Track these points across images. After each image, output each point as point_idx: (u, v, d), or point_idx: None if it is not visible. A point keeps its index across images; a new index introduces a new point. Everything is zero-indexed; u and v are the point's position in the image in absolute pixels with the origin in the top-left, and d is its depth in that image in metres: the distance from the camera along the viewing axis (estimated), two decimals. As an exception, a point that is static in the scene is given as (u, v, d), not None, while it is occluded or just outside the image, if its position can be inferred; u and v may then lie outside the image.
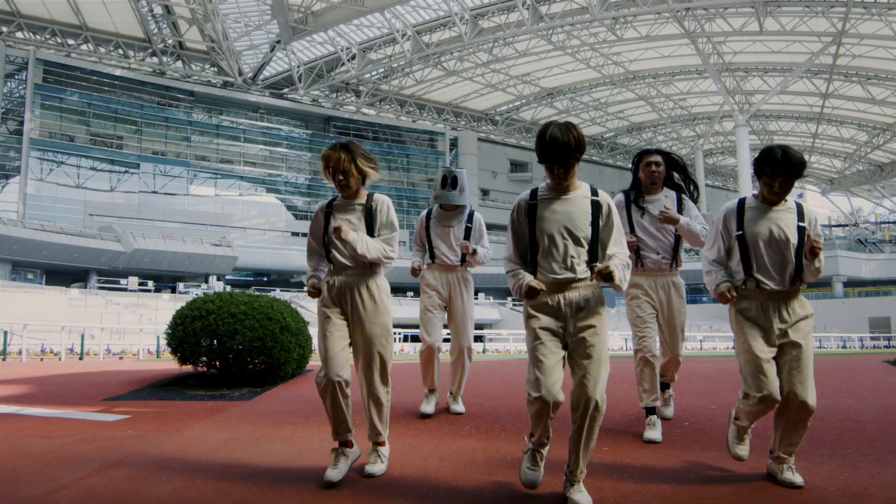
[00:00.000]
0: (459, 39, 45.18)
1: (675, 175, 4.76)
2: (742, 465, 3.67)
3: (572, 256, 3.11)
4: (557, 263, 3.11)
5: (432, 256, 5.29)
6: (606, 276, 3.01)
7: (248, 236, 56.39)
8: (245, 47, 50.88)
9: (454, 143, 64.15)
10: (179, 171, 54.56)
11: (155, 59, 50.62)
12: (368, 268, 3.69)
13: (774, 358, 3.32)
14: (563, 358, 3.13)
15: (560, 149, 3.00)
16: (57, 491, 3.36)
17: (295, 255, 56.10)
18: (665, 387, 4.91)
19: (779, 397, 3.25)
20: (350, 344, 3.69)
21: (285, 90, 56.26)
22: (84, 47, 48.34)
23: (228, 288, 52.15)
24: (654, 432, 4.33)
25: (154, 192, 53.32)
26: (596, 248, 3.14)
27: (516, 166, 68.40)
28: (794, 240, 3.33)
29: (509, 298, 56.60)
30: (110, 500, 3.28)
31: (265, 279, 59.03)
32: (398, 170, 63.33)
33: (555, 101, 58.60)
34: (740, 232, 3.42)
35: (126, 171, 52.66)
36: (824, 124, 56.43)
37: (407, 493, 3.39)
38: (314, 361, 8.40)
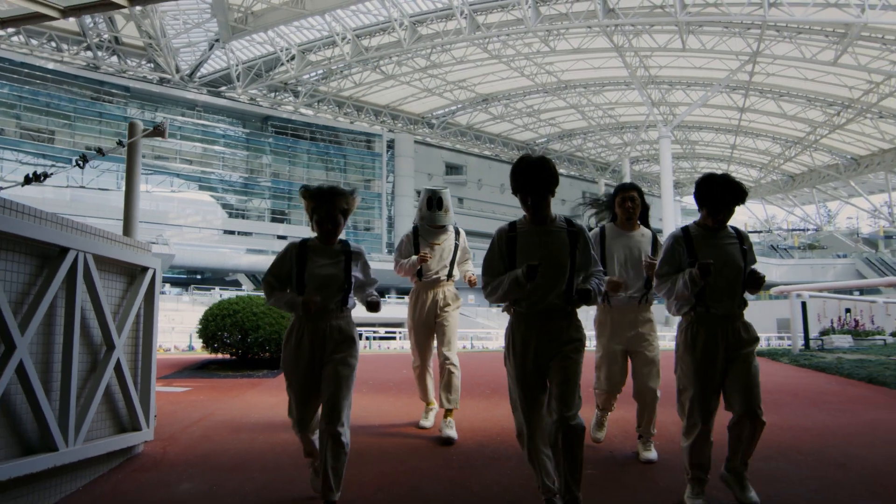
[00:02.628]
0: (398, 44, 46.14)
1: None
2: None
3: (552, 287, 3.13)
4: (538, 294, 3.13)
5: (420, 274, 5.26)
6: (583, 295, 3.12)
7: (184, 234, 56.13)
8: (183, 44, 50.69)
9: (391, 145, 64.95)
10: (109, 166, 53.85)
11: (89, 53, 49.94)
12: (341, 310, 3.55)
13: (722, 381, 3.39)
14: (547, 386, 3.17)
15: (533, 181, 3.07)
16: (183, 430, 4.62)
17: (229, 254, 56.24)
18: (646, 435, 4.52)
19: (711, 425, 3.35)
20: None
21: (223, 88, 56.10)
22: (15, 39, 47.43)
23: (167, 285, 52.00)
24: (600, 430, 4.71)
25: (82, 188, 52.46)
26: (573, 278, 3.20)
27: (451, 169, 69.66)
28: (742, 266, 3.39)
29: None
30: (230, 428, 4.59)
31: (199, 277, 58.95)
32: (335, 170, 63.81)
33: (489, 107, 59.90)
34: (692, 260, 3.39)
35: (54, 166, 51.73)
36: (742, 136, 58.66)
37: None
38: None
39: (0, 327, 2.69)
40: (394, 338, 31.93)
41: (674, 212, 50.87)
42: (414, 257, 5.19)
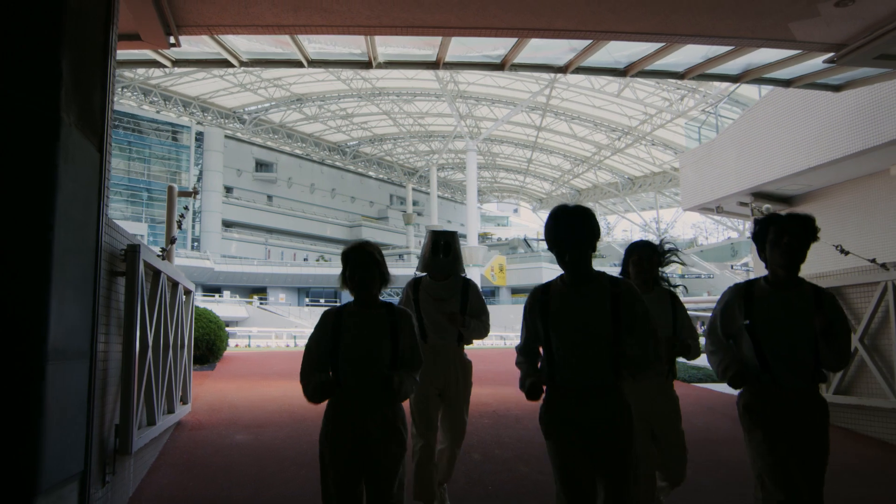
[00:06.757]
0: (215, 39, 45.65)
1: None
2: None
3: (592, 360, 2.67)
4: (576, 369, 2.67)
5: (424, 336, 4.34)
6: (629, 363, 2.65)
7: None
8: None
9: (199, 139, 63.47)
10: None
11: None
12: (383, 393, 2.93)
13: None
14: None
15: (571, 234, 2.70)
16: (191, 407, 6.11)
17: None
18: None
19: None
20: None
21: (11, 65, 52.00)
22: None
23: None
24: None
25: None
26: (618, 348, 2.68)
27: (261, 166, 69.47)
28: (808, 330, 2.87)
29: (255, 297, 57.54)
30: (227, 405, 6.18)
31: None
32: (137, 161, 61.27)
33: (303, 107, 59.91)
34: (748, 321, 2.98)
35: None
36: (538, 152, 63.41)
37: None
38: (228, 351, 12.20)
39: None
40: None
41: (476, 217, 55.02)
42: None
